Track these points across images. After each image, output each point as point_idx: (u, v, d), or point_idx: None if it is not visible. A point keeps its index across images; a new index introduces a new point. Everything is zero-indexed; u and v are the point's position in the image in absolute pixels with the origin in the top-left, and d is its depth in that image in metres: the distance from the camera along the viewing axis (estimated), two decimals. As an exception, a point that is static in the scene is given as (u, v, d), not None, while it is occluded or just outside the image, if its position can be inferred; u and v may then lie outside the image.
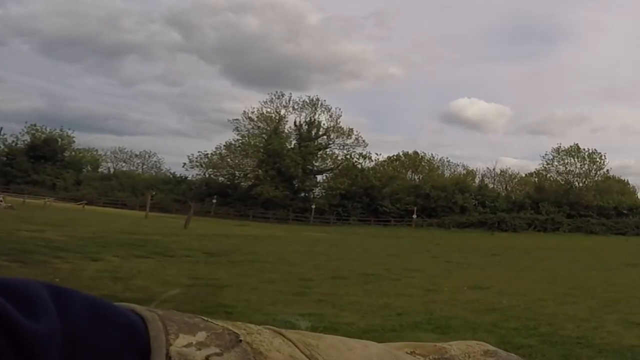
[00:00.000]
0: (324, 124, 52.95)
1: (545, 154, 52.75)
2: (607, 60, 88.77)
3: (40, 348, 0.35)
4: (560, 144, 53.50)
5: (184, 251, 13.45)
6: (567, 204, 46.35)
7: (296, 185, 50.69)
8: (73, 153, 61.13)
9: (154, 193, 44.16)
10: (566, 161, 51.71)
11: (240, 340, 0.37)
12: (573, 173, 51.23)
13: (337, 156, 52.87)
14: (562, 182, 50.48)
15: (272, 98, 53.09)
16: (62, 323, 0.38)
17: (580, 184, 49.97)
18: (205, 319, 0.41)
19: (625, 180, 55.29)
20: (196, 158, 52.47)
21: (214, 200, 46.96)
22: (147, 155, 64.81)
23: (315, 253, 16.18)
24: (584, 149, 51.49)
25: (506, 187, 54.65)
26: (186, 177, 55.07)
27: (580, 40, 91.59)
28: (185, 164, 53.51)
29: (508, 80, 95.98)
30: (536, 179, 52.93)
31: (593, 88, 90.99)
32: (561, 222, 44.05)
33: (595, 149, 51.48)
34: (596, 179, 51.18)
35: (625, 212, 45.50)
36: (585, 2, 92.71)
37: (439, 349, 0.51)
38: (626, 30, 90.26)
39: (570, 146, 51.87)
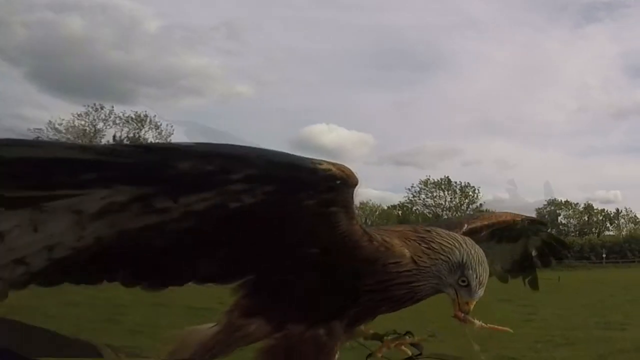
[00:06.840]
0: (151, 142, 48.59)
1: (412, 186, 50.04)
2: (484, 92, 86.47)
3: None
4: (429, 176, 51.48)
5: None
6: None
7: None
8: None
9: None
10: (435, 194, 50.06)
11: None
12: (442, 206, 49.33)
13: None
14: (430, 215, 46.77)
15: (89, 110, 46.93)
16: None
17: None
18: None
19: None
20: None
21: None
22: None
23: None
24: (456, 182, 49.96)
25: (366, 219, 48.11)
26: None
27: (457, 71, 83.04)
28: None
29: (374, 107, 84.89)
30: (400, 212, 49.53)
31: (468, 120, 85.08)
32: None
33: (468, 182, 50.22)
34: (468, 212, 47.40)
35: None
36: (464, 32, 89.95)
37: None
38: (505, 63, 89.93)
39: (441, 179, 50.06)
